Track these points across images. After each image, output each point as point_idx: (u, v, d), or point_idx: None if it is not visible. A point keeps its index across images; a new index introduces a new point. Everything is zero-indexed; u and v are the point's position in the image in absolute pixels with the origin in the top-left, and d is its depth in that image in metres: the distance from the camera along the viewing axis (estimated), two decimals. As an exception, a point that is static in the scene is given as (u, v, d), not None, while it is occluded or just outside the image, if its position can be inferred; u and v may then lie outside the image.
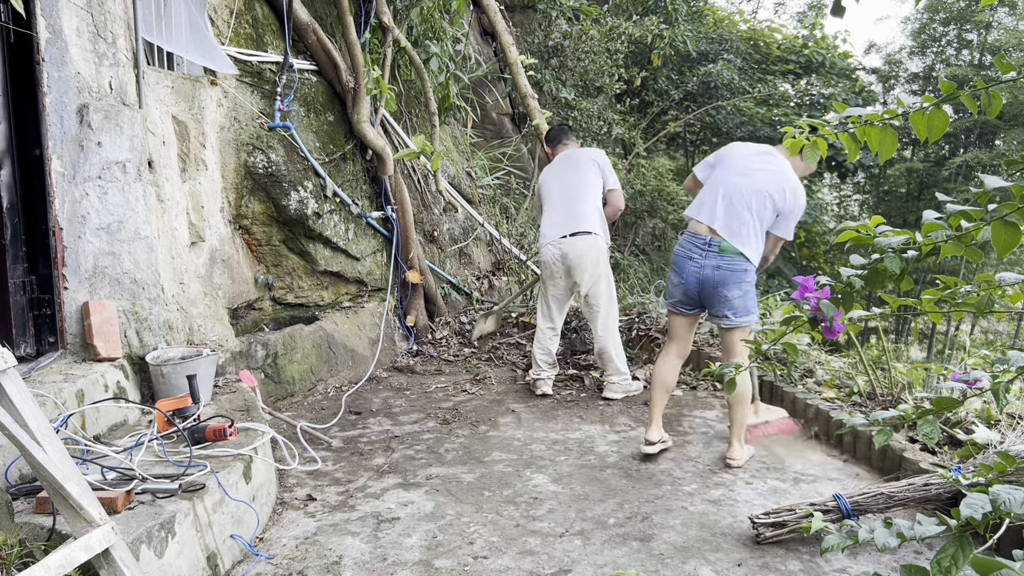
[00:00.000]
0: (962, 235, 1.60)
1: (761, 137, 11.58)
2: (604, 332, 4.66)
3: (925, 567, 1.46)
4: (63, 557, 1.89)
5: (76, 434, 2.82)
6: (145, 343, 3.53)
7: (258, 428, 3.21)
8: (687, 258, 3.51)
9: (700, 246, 3.48)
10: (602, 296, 4.65)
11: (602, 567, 2.62)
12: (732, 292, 3.43)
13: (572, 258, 4.59)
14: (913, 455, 3.20)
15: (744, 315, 3.47)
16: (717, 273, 3.43)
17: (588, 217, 4.61)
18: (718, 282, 3.43)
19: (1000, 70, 1.60)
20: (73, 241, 3.26)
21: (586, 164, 4.73)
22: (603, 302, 4.65)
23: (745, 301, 3.47)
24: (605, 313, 4.67)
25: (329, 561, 2.71)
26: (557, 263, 4.65)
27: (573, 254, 4.58)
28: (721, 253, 3.42)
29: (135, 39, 3.77)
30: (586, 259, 4.57)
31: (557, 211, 4.69)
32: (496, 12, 7.24)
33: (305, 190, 5.14)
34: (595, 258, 4.60)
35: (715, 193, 3.49)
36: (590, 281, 4.62)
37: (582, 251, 4.57)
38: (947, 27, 19.10)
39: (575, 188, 4.68)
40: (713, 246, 3.44)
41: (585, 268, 4.58)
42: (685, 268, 3.52)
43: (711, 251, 3.44)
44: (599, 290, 4.64)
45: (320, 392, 4.87)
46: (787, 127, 1.95)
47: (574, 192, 4.67)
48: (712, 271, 3.44)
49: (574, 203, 4.64)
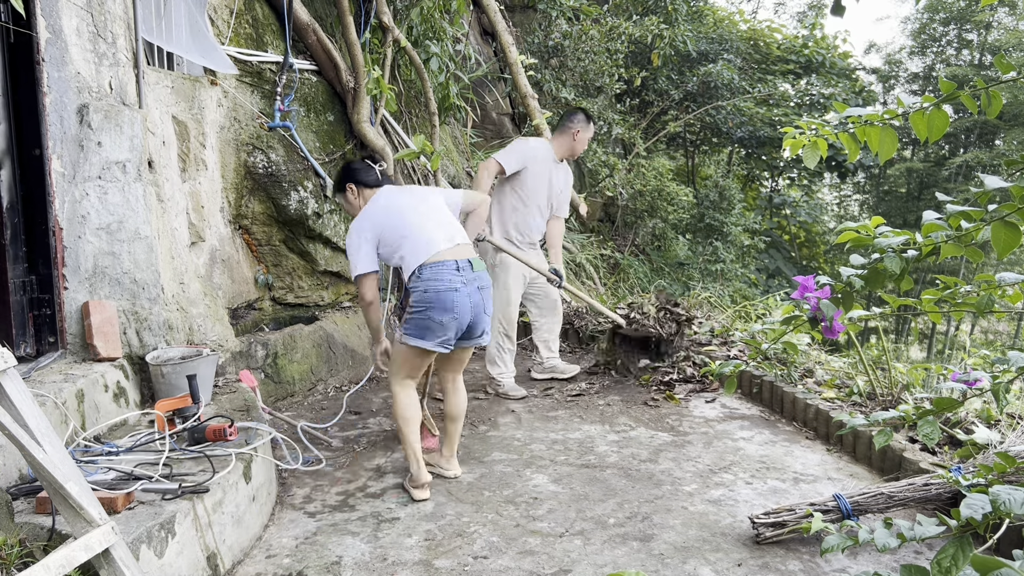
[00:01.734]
0: (962, 235, 1.60)
1: (761, 137, 11.59)
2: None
3: (925, 567, 1.47)
4: (63, 557, 1.89)
5: (76, 434, 2.83)
6: (145, 343, 3.53)
7: (258, 428, 3.21)
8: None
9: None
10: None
11: (602, 567, 2.62)
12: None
13: None
14: (913, 455, 3.20)
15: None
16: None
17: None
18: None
19: (1000, 70, 1.60)
20: (73, 241, 3.26)
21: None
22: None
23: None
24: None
25: (329, 561, 2.71)
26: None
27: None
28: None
29: (135, 39, 3.77)
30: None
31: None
32: (496, 12, 7.24)
33: (305, 190, 5.14)
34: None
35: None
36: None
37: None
38: (947, 27, 19.11)
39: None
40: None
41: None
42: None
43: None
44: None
45: (320, 392, 4.87)
46: (787, 127, 1.95)
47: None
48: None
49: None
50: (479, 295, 3.28)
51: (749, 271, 10.97)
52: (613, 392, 4.80)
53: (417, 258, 3.22)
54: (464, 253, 3.30)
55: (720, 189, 10.59)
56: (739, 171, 13.29)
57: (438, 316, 3.15)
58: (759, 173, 14.44)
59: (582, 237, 9.04)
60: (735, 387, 2.06)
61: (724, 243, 10.25)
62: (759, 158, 13.12)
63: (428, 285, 3.17)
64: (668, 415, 4.32)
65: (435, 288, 3.16)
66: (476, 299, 3.25)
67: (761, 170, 14.16)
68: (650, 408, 4.46)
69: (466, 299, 3.20)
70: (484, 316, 3.33)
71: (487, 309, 3.34)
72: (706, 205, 10.54)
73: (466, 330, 3.29)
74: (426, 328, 3.17)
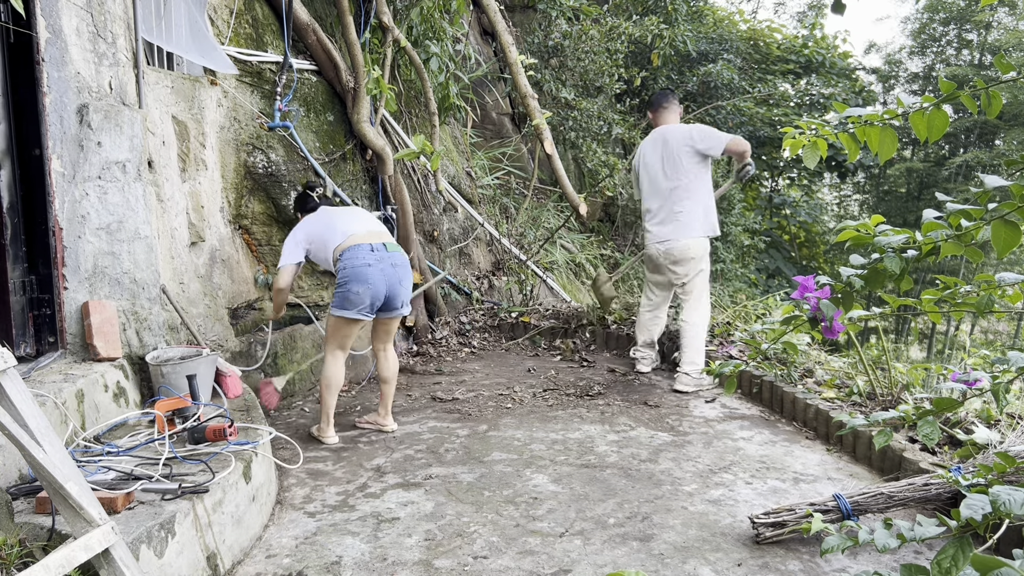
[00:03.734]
0: (962, 234, 1.60)
1: (761, 137, 11.58)
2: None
3: (925, 567, 1.47)
4: (63, 557, 1.89)
5: (76, 435, 2.82)
6: (145, 343, 3.53)
7: (258, 428, 3.21)
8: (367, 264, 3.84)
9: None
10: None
11: (602, 567, 2.62)
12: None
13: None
14: (913, 455, 3.20)
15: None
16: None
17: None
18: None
19: (1000, 70, 1.60)
20: (73, 241, 3.26)
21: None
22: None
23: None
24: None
25: (329, 561, 2.71)
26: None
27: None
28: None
29: (135, 39, 3.77)
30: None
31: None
32: (496, 12, 7.24)
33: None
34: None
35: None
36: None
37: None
38: (947, 27, 19.11)
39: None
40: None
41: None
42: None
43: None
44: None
45: (320, 392, 4.87)
46: (787, 127, 1.95)
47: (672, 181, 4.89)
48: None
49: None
50: (393, 271, 3.85)
51: (749, 271, 10.98)
52: (613, 392, 4.80)
53: (339, 245, 3.86)
54: (379, 238, 3.90)
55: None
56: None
57: (355, 287, 3.75)
58: (759, 173, 14.45)
59: (582, 237, 9.05)
60: (735, 387, 2.06)
61: (724, 243, 10.26)
62: (759, 158, 13.12)
63: (346, 263, 3.79)
64: (668, 415, 4.32)
65: (352, 265, 3.77)
66: (390, 273, 3.84)
67: (761, 170, 14.16)
68: (650, 408, 4.46)
69: (379, 273, 3.79)
70: (399, 288, 3.91)
71: (403, 282, 3.92)
72: (706, 205, 10.51)
73: (384, 301, 3.88)
74: (346, 299, 3.78)
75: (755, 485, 3.31)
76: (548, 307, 6.74)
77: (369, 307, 3.80)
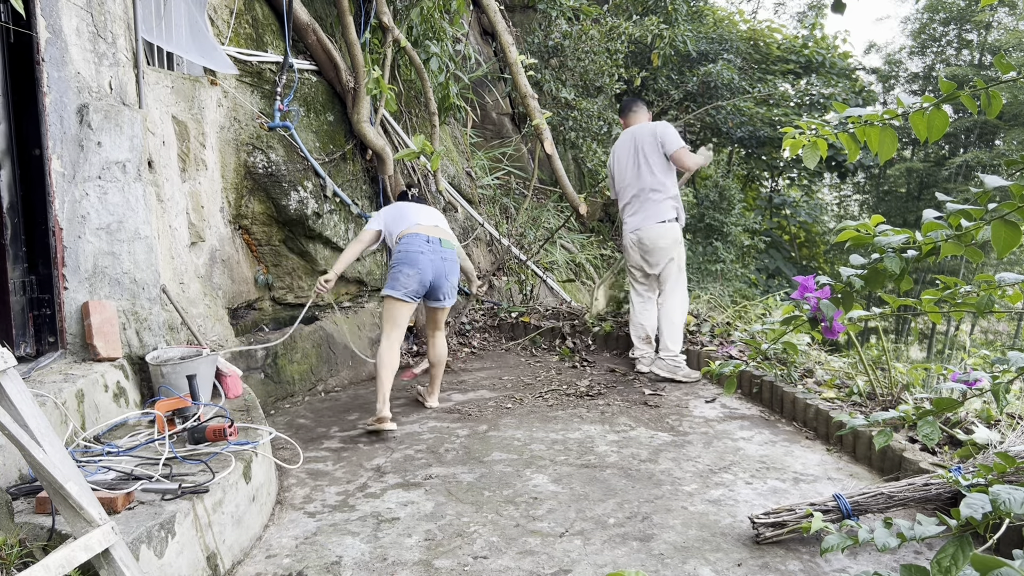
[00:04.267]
0: (962, 234, 1.60)
1: (761, 137, 11.58)
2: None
3: (925, 567, 1.47)
4: (63, 557, 1.89)
5: (76, 435, 2.82)
6: (145, 343, 3.53)
7: (258, 428, 3.21)
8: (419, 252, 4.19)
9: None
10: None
11: (602, 567, 2.62)
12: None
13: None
14: (913, 455, 3.20)
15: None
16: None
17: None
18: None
19: (1000, 70, 1.60)
20: (73, 241, 3.26)
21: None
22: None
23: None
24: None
25: (329, 561, 2.71)
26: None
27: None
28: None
29: (135, 39, 3.77)
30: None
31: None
32: (496, 12, 7.24)
33: (305, 190, 5.14)
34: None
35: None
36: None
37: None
38: (947, 27, 19.11)
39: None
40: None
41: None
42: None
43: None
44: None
45: (320, 392, 4.87)
46: (787, 127, 1.95)
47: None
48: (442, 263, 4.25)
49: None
50: (442, 263, 4.20)
51: (749, 271, 10.98)
52: (614, 392, 4.80)
53: (404, 231, 4.25)
54: (437, 233, 4.26)
55: (720, 189, 10.59)
56: (739, 171, 13.30)
57: (406, 270, 4.11)
58: (759, 173, 14.46)
59: (582, 237, 9.05)
60: (735, 387, 2.06)
61: (724, 243, 10.26)
62: (759, 158, 13.13)
63: (402, 247, 4.18)
64: (668, 415, 4.32)
65: (407, 249, 4.16)
66: (439, 265, 4.19)
67: (761, 170, 14.17)
68: (650, 408, 4.46)
69: (429, 262, 4.14)
70: (446, 281, 4.24)
71: (448, 276, 4.24)
72: (706, 205, 10.54)
73: (430, 289, 4.22)
74: (396, 279, 4.13)
75: (755, 485, 3.31)
76: (548, 307, 6.74)
77: (415, 291, 4.13)
